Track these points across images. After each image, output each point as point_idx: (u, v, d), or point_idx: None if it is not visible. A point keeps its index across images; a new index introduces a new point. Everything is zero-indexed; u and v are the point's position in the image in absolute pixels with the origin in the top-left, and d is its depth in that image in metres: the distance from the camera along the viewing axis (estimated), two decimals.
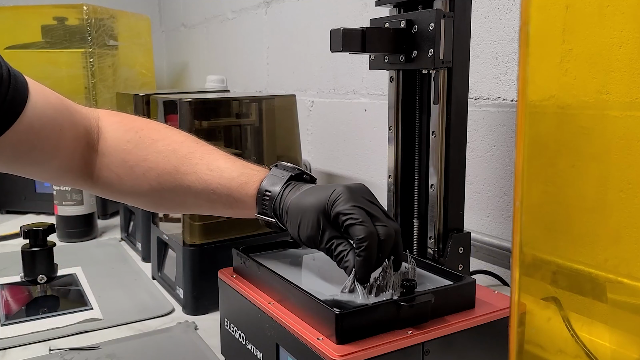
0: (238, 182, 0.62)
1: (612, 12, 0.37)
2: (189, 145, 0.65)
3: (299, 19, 1.46)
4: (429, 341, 0.53)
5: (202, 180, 0.63)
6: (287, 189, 0.60)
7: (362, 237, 0.53)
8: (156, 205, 0.69)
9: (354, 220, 0.54)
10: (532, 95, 0.37)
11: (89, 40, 1.62)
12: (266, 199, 0.61)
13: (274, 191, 0.61)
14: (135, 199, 0.68)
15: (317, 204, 0.56)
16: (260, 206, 0.61)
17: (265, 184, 0.61)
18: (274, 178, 0.62)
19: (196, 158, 0.64)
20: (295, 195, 0.59)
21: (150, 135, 0.65)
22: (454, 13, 0.63)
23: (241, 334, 0.65)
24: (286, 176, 0.61)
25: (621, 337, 0.40)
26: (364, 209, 0.55)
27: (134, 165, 0.64)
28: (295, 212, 0.58)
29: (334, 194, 0.56)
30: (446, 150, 0.67)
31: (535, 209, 0.39)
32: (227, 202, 0.63)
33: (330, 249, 0.56)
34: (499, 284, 0.89)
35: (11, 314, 0.89)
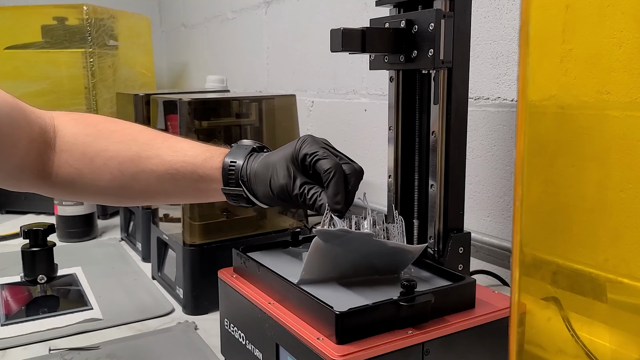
0: (202, 158, 0.63)
1: (612, 12, 0.37)
2: (149, 133, 0.66)
3: (299, 19, 1.46)
4: (429, 341, 0.53)
5: (166, 162, 0.63)
6: (251, 158, 0.63)
7: (328, 167, 0.57)
8: (118, 197, 0.67)
9: (319, 156, 0.57)
10: (532, 95, 0.37)
11: (89, 40, 1.62)
12: (232, 169, 0.62)
13: (238, 161, 0.62)
14: (97, 194, 0.66)
15: (285, 155, 0.59)
16: (226, 178, 0.62)
17: (229, 157, 0.63)
18: (237, 151, 0.63)
19: (158, 143, 0.64)
20: (261, 158, 0.62)
21: (109, 127, 0.65)
22: (454, 13, 0.63)
23: (241, 334, 0.65)
24: (248, 148, 0.64)
25: (621, 337, 0.40)
26: (328, 149, 0.59)
27: (94, 156, 0.63)
28: (264, 169, 0.60)
29: (299, 142, 0.59)
30: (446, 150, 0.67)
31: (535, 209, 0.39)
32: (192, 180, 0.63)
33: (303, 193, 0.58)
34: (499, 284, 0.89)
35: (11, 314, 0.89)
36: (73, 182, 0.64)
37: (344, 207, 0.57)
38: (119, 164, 0.63)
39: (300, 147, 0.59)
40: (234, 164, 0.62)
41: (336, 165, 0.57)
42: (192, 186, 0.64)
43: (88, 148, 0.63)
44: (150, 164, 0.63)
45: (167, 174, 0.63)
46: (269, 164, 0.60)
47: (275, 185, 0.59)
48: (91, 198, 0.69)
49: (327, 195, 0.57)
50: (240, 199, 0.63)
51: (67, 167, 0.63)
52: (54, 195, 0.68)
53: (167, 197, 0.67)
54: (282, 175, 0.59)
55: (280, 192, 0.59)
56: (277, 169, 0.59)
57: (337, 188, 0.57)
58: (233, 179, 0.62)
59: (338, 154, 0.59)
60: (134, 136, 0.65)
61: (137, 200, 0.69)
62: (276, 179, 0.59)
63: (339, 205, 0.57)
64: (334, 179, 0.57)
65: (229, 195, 0.63)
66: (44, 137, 0.63)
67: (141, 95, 1.15)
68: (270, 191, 0.60)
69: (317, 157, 0.58)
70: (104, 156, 0.63)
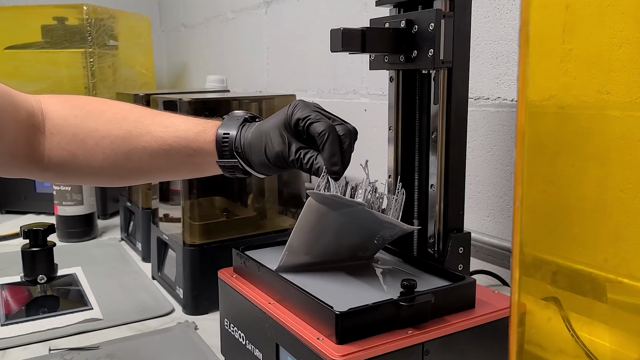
0: (194, 131, 0.62)
1: (612, 12, 0.37)
2: (139, 110, 0.66)
3: (299, 19, 1.46)
4: (429, 341, 0.53)
5: (158, 138, 0.62)
6: (244, 128, 0.62)
7: (322, 130, 0.56)
8: (112, 177, 0.66)
9: (312, 119, 0.57)
10: (532, 95, 0.37)
11: (89, 40, 1.62)
12: (225, 141, 0.61)
13: (231, 132, 0.62)
14: (90, 174, 0.65)
15: (278, 121, 0.59)
16: (220, 151, 0.61)
17: (222, 128, 0.62)
18: (229, 122, 0.63)
19: (148, 119, 0.64)
20: (254, 128, 0.61)
21: (97, 107, 0.65)
22: (454, 13, 0.63)
23: (241, 334, 0.65)
24: (240, 119, 0.63)
25: (621, 337, 0.40)
26: (320, 112, 0.59)
27: (86, 137, 0.62)
28: (258, 137, 0.60)
29: (290, 108, 0.59)
30: (446, 150, 0.67)
31: (535, 209, 0.39)
32: (186, 154, 0.62)
33: (299, 158, 0.58)
34: (499, 284, 0.89)
35: (11, 314, 0.89)
36: (65, 165, 0.63)
37: (340, 169, 0.57)
38: (111, 143, 0.62)
39: (292, 112, 0.59)
40: (227, 135, 0.62)
41: (330, 127, 0.57)
42: (186, 161, 0.63)
43: (78, 129, 0.63)
44: (143, 142, 0.62)
45: (161, 150, 0.62)
46: (263, 132, 0.60)
47: (270, 153, 0.59)
48: (85, 179, 0.68)
49: (323, 158, 0.57)
50: (236, 170, 0.63)
51: (58, 150, 0.63)
52: (48, 180, 0.67)
53: (162, 173, 0.67)
54: (277, 142, 0.59)
55: (276, 160, 0.59)
56: (271, 136, 0.59)
57: (333, 149, 0.57)
58: (227, 151, 0.61)
59: (331, 116, 0.59)
60: (123, 114, 0.64)
61: (132, 179, 0.68)
62: (271, 146, 0.59)
63: (335, 166, 0.57)
64: (328, 140, 0.56)
65: (225, 168, 0.63)
66: (32, 120, 0.62)
67: (141, 95, 1.15)
68: (266, 159, 0.60)
69: (310, 121, 0.58)
70: (95, 136, 0.62)
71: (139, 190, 1.16)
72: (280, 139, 0.59)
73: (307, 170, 0.58)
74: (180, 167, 0.64)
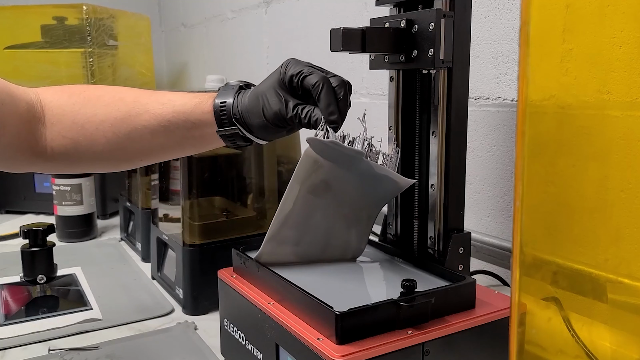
0: (192, 104, 0.63)
1: (612, 12, 0.37)
2: (135, 91, 0.66)
3: (299, 18, 1.46)
4: (429, 341, 0.53)
5: (157, 115, 0.63)
6: (240, 95, 0.63)
7: (316, 81, 0.57)
8: (116, 161, 0.67)
9: (305, 73, 0.58)
10: (532, 95, 0.37)
11: (89, 40, 1.62)
12: (223, 109, 0.62)
13: (228, 100, 0.62)
14: (94, 160, 0.66)
15: (272, 82, 0.60)
16: (219, 120, 0.62)
17: (219, 98, 0.63)
18: (225, 92, 0.63)
19: (144, 98, 0.64)
20: (250, 92, 0.62)
21: (94, 93, 0.65)
22: (454, 13, 0.63)
23: (241, 334, 0.65)
24: (235, 87, 0.64)
25: (621, 337, 0.40)
26: (312, 67, 0.60)
27: (85, 122, 0.63)
28: (255, 100, 0.61)
29: (283, 66, 0.60)
30: (446, 150, 0.66)
31: (535, 209, 0.39)
32: (185, 128, 0.63)
33: (297, 114, 0.59)
34: (499, 284, 0.89)
35: (11, 314, 0.89)
36: (69, 153, 0.64)
37: (338, 117, 0.58)
38: (111, 126, 0.63)
39: (286, 70, 0.60)
40: (224, 103, 0.62)
41: (323, 77, 0.58)
42: (187, 135, 0.64)
43: (77, 116, 0.63)
44: (142, 120, 0.63)
45: (160, 127, 0.63)
46: (259, 94, 0.61)
47: (268, 114, 0.60)
48: (90, 166, 0.69)
49: (320, 109, 0.57)
50: (236, 137, 0.63)
51: (60, 138, 0.63)
52: (52, 170, 0.68)
53: (165, 151, 0.67)
54: (274, 101, 0.59)
55: (275, 119, 0.60)
56: (267, 96, 0.60)
57: (329, 99, 0.57)
58: (226, 119, 0.62)
59: (323, 70, 0.60)
60: (120, 96, 0.65)
61: (136, 160, 0.68)
62: (268, 107, 0.60)
63: (333, 115, 0.57)
64: (323, 90, 0.57)
65: (225, 137, 0.63)
66: (32, 112, 0.63)
67: None
68: (264, 120, 0.60)
69: (303, 75, 0.58)
70: (94, 121, 0.63)
71: (139, 190, 1.16)
72: (276, 97, 0.59)
73: (306, 125, 0.59)
74: (182, 142, 0.65)
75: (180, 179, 0.89)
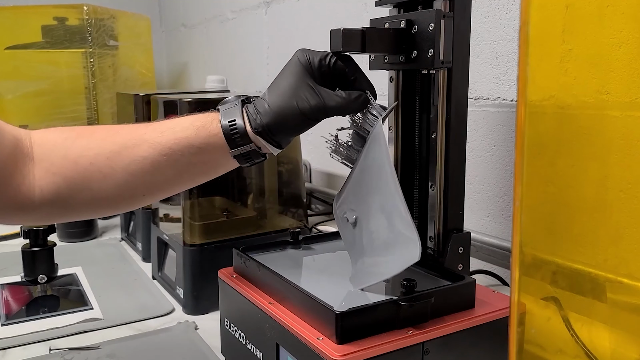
0: (193, 129, 0.58)
1: (612, 12, 0.37)
2: (130, 125, 0.61)
3: (298, 19, 1.46)
4: (429, 341, 0.53)
5: (156, 144, 0.58)
6: (249, 108, 0.59)
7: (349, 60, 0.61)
8: (117, 202, 0.60)
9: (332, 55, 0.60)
10: (532, 95, 0.37)
11: (89, 40, 1.63)
12: (234, 128, 0.58)
13: (238, 119, 0.58)
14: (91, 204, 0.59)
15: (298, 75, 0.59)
16: (231, 140, 0.58)
17: (224, 118, 0.59)
18: (228, 110, 0.59)
19: (141, 129, 0.60)
20: (266, 99, 0.59)
21: (87, 129, 0.61)
22: (454, 13, 0.63)
23: (241, 334, 0.65)
24: (238, 103, 0.60)
25: (621, 337, 0.40)
26: None
27: (78, 157, 0.57)
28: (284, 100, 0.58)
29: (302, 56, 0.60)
30: (446, 150, 0.66)
31: (535, 209, 0.39)
32: (190, 154, 0.58)
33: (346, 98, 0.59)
34: (499, 284, 0.89)
35: (11, 314, 0.89)
36: (61, 195, 0.57)
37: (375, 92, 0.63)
38: (107, 160, 0.57)
39: (309, 58, 0.60)
40: (233, 122, 0.58)
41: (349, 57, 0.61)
42: (193, 161, 0.59)
43: (69, 150, 0.58)
44: (141, 151, 0.58)
45: (162, 157, 0.58)
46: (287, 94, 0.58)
47: (309, 109, 0.57)
48: (86, 210, 0.61)
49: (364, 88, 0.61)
50: (252, 155, 0.59)
51: (50, 176, 0.57)
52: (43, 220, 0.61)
53: (171, 184, 0.61)
54: (310, 95, 0.58)
55: (317, 112, 0.58)
56: (301, 92, 0.58)
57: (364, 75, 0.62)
58: (239, 138, 0.58)
59: None
60: (115, 130, 0.60)
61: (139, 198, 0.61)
62: (307, 101, 0.57)
63: (374, 89, 0.62)
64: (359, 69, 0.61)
65: (240, 156, 0.59)
66: (20, 147, 0.57)
67: (141, 95, 1.15)
68: (303, 117, 0.57)
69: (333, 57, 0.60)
70: (88, 155, 0.58)
71: None
72: (311, 90, 0.58)
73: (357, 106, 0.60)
74: (188, 170, 0.60)
75: None
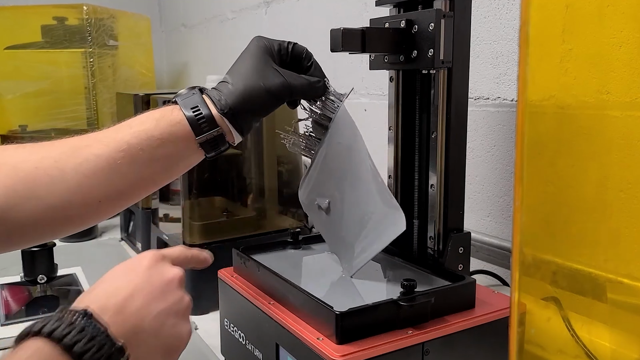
0: (152, 120, 0.54)
1: (612, 12, 0.37)
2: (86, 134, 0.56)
3: (298, 19, 1.46)
4: (429, 341, 0.53)
5: (112, 140, 0.53)
6: (212, 91, 0.58)
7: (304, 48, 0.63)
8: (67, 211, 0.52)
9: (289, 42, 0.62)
10: (532, 95, 0.37)
11: (89, 40, 1.62)
12: (199, 113, 0.55)
13: (201, 105, 0.55)
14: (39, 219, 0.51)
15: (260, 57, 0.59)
16: (197, 128, 0.55)
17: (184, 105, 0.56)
18: (188, 100, 0.56)
19: (94, 134, 0.55)
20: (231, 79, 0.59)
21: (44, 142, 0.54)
22: (454, 13, 0.63)
23: (241, 334, 0.65)
24: (196, 91, 0.58)
25: (621, 337, 0.40)
26: None
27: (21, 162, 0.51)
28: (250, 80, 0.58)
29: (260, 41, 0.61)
30: (446, 150, 0.66)
31: (535, 209, 0.39)
32: (151, 148, 0.53)
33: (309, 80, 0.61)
34: (499, 284, 0.89)
35: (11, 314, 0.89)
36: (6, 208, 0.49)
37: None
38: (56, 162, 0.51)
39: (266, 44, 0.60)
40: (196, 108, 0.55)
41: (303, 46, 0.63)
42: (154, 156, 0.54)
43: (11, 158, 0.51)
44: (94, 150, 0.52)
45: (118, 154, 0.52)
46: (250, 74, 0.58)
47: (275, 86, 0.58)
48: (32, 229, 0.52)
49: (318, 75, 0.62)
50: (219, 141, 0.56)
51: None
52: None
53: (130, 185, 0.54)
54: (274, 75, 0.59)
55: (282, 90, 0.58)
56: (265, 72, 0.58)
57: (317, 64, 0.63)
58: (205, 123, 0.55)
59: None
60: (65, 139, 0.54)
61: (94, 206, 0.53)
62: (272, 80, 0.58)
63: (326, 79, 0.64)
64: (312, 57, 0.63)
65: (207, 144, 0.56)
66: None
67: (141, 95, 1.15)
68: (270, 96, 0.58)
69: (291, 43, 0.62)
70: (33, 159, 0.51)
71: None
72: (274, 70, 0.59)
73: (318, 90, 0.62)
74: (150, 167, 0.54)
75: (181, 179, 0.90)
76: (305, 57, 0.61)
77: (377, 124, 1.20)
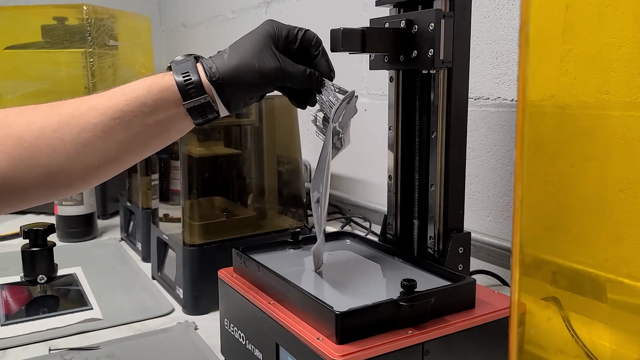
0: (144, 86, 0.56)
1: (612, 12, 0.37)
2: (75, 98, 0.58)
3: (299, 19, 1.46)
4: (429, 341, 0.53)
5: (106, 108, 0.55)
6: (208, 60, 0.58)
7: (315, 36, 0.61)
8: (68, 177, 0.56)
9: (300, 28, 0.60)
10: (532, 95, 0.37)
11: (89, 40, 1.62)
12: (188, 78, 0.56)
13: (191, 71, 0.56)
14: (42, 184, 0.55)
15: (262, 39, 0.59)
16: (185, 92, 0.55)
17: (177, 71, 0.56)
18: (181, 66, 0.57)
19: (87, 99, 0.57)
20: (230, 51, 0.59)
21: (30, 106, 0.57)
22: (454, 13, 0.63)
23: (241, 334, 0.65)
24: (191, 58, 0.58)
25: (621, 337, 0.40)
26: None
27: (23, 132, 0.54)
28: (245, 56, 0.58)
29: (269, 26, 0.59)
30: (446, 150, 0.67)
31: (535, 209, 0.39)
32: (144, 114, 0.55)
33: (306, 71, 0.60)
34: (499, 284, 0.89)
35: (11, 314, 0.89)
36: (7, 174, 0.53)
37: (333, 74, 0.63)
38: (55, 132, 0.54)
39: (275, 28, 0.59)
40: (187, 74, 0.56)
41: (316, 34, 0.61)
42: (147, 122, 0.56)
43: (12, 127, 0.54)
44: (90, 118, 0.54)
45: (113, 121, 0.54)
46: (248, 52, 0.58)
47: (267, 69, 0.57)
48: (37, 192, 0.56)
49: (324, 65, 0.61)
50: (206, 109, 0.57)
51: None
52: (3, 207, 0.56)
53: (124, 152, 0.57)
54: (271, 57, 0.58)
55: (275, 74, 0.58)
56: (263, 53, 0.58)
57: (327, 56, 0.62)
58: (193, 89, 0.55)
59: None
60: (60, 103, 0.57)
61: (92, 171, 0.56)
62: (267, 62, 0.57)
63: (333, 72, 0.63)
64: (322, 46, 0.61)
65: (194, 109, 0.56)
66: None
67: None
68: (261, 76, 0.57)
69: (301, 29, 0.60)
70: (33, 129, 0.54)
71: (139, 190, 1.16)
72: (273, 53, 0.58)
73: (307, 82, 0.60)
74: (143, 133, 0.56)
75: (181, 179, 0.90)
76: (314, 45, 0.60)
77: (377, 124, 1.20)
